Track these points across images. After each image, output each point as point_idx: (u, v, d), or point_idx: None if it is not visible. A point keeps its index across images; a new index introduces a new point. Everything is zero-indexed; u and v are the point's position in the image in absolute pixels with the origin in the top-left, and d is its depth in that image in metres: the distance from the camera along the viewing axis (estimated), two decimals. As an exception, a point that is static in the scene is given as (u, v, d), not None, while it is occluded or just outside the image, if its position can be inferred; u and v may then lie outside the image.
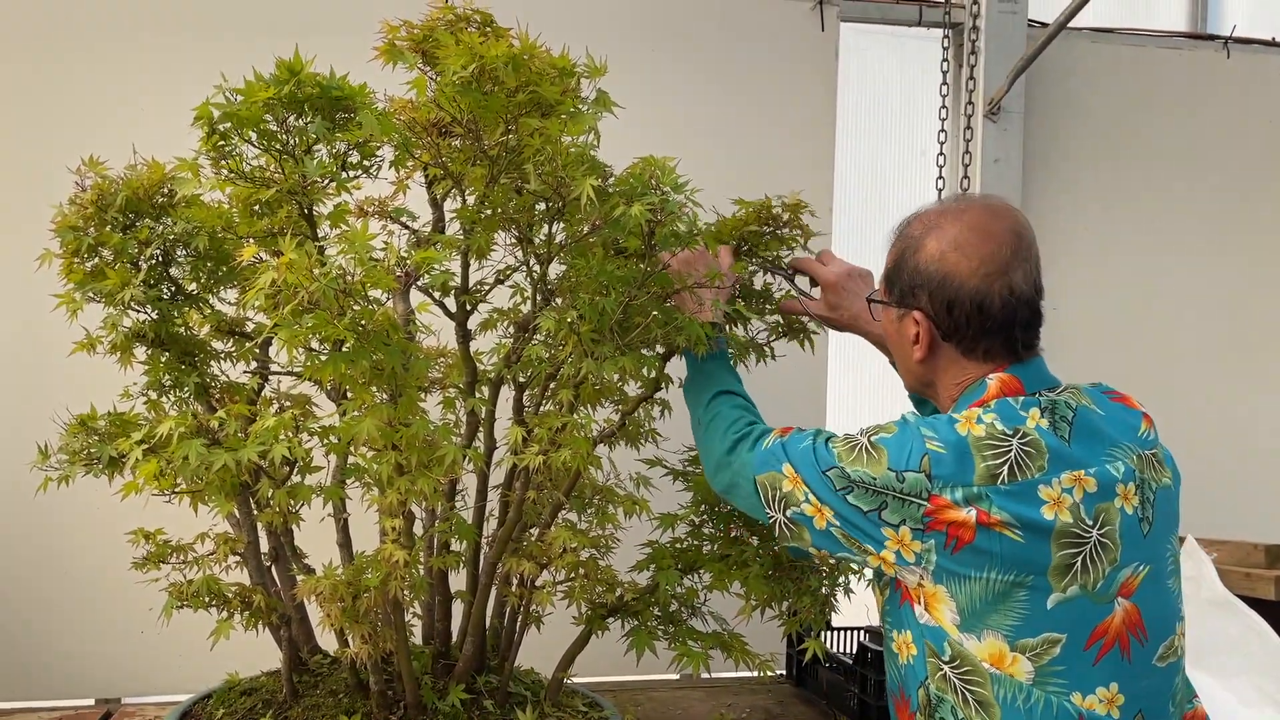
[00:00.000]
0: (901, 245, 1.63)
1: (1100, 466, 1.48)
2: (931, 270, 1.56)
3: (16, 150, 2.87)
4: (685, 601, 2.08)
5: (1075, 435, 1.49)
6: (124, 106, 2.88)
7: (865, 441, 1.52)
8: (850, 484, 1.50)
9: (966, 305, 1.54)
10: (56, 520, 2.84)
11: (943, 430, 1.48)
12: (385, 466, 1.69)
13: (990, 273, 1.53)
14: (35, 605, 2.90)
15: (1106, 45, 3.59)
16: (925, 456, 1.46)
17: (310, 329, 1.56)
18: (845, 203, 3.44)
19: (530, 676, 2.25)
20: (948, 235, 1.56)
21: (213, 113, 1.74)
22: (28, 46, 2.89)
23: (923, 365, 1.62)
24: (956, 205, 1.61)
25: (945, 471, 1.45)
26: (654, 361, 1.91)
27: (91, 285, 1.93)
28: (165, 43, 2.94)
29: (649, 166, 1.79)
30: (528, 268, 2.00)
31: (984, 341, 1.56)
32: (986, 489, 1.43)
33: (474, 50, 1.71)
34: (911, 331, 1.60)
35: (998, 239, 1.54)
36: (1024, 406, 1.50)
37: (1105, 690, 1.44)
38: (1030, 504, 1.43)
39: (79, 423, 1.96)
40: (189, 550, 2.04)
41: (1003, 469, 1.44)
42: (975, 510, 1.43)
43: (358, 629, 1.79)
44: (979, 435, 1.46)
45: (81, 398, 2.04)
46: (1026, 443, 1.45)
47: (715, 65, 3.25)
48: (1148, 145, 3.62)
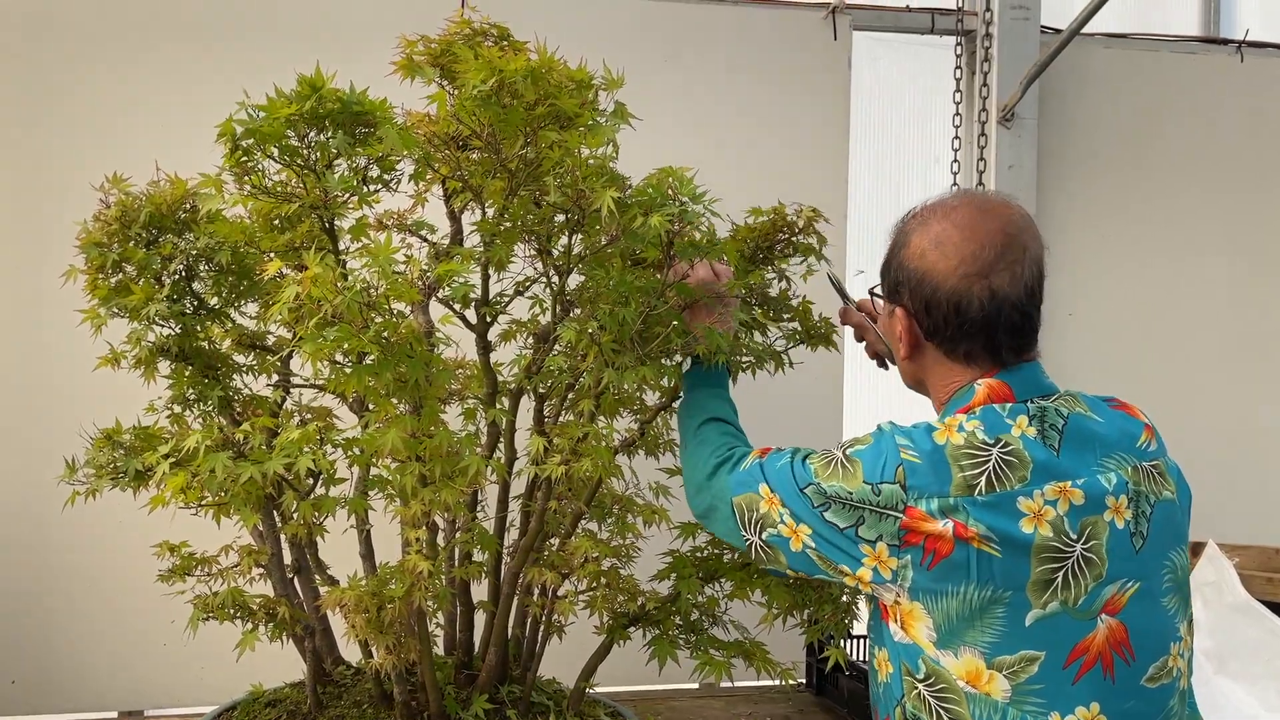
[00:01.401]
0: (893, 239, 1.58)
1: (1091, 477, 1.42)
2: (912, 267, 1.51)
3: (41, 167, 2.90)
4: (706, 610, 2.08)
5: (1065, 444, 1.43)
6: (147, 124, 2.92)
7: (840, 455, 1.48)
8: (827, 500, 1.46)
9: (943, 306, 1.47)
10: (83, 533, 2.86)
11: (919, 439, 1.43)
12: (409, 478, 1.70)
13: (969, 274, 1.45)
14: (61, 617, 2.92)
15: (1120, 51, 3.59)
16: (900, 467, 1.41)
17: (334, 342, 1.58)
18: (859, 210, 3.44)
19: (552, 686, 2.26)
20: (931, 232, 1.50)
21: (235, 129, 1.76)
22: (51, 65, 2.92)
23: (909, 363, 1.58)
24: (949, 201, 1.53)
25: (920, 482, 1.40)
26: (674, 371, 1.92)
27: (116, 301, 1.95)
28: (187, 61, 2.97)
29: (667, 177, 1.81)
30: (547, 279, 2.02)
31: (964, 344, 1.49)
32: (962, 500, 1.38)
33: (493, 64, 1.73)
34: (898, 328, 1.56)
35: (982, 239, 1.46)
36: (1011, 414, 1.44)
37: (1085, 710, 1.38)
38: (1008, 517, 1.37)
39: (105, 437, 1.98)
40: (213, 563, 2.06)
41: (980, 480, 1.38)
42: (952, 522, 1.37)
43: (382, 640, 1.80)
44: (957, 444, 1.41)
45: (106, 412, 2.06)
46: (1008, 452, 1.40)
47: (728, 74, 3.27)
48: (1162, 150, 3.62)
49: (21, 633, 2.90)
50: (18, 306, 2.88)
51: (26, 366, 2.90)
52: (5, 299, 2.89)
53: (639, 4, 3.24)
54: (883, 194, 3.58)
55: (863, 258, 3.45)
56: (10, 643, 2.90)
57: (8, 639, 2.90)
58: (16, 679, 2.91)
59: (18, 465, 2.86)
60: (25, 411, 2.89)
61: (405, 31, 2.03)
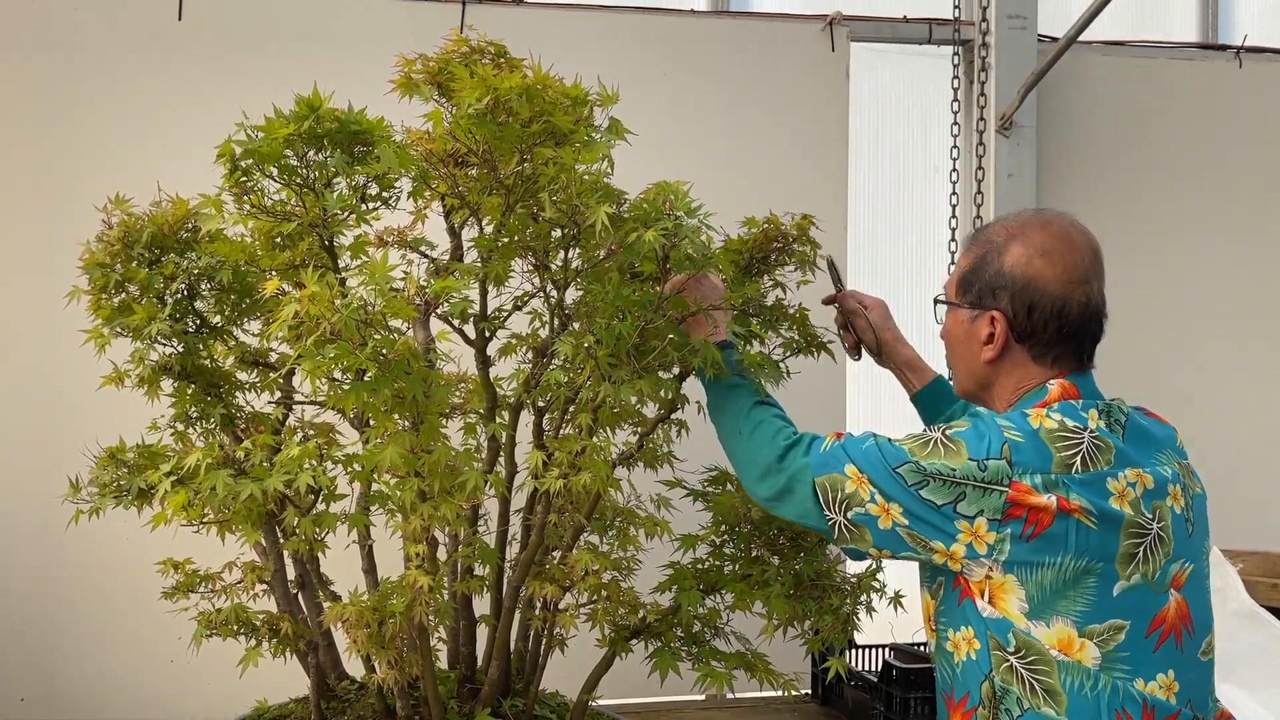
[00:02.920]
0: (982, 249, 1.69)
1: (1154, 467, 1.56)
2: (1017, 274, 1.62)
3: (44, 189, 2.93)
4: (708, 622, 2.09)
5: (1129, 438, 1.57)
6: (148, 144, 2.94)
7: (939, 436, 1.57)
8: (925, 477, 1.53)
9: (1047, 309, 1.61)
10: (90, 550, 2.88)
11: (1018, 421, 1.55)
12: (408, 493, 1.71)
13: (1073, 280, 1.61)
14: (68, 633, 2.94)
15: (1117, 58, 3.60)
16: (1005, 444, 1.51)
17: (333, 359, 1.59)
18: (858, 220, 3.45)
19: (555, 699, 2.26)
20: (1034, 242, 1.63)
21: (235, 150, 1.78)
22: (53, 86, 2.95)
23: (990, 366, 1.67)
24: (1041, 217, 1.68)
25: (1025, 458, 1.50)
26: (671, 384, 1.93)
27: (119, 320, 1.97)
28: (187, 81, 3.00)
29: (663, 192, 1.82)
30: (545, 294, 2.03)
31: (1057, 347, 1.63)
32: (1063, 477, 1.49)
33: (488, 83, 1.74)
34: (985, 331, 1.66)
35: (1081, 250, 1.63)
36: (1084, 408, 1.57)
37: (1164, 677, 1.50)
38: (1100, 494, 1.49)
39: (108, 455, 1.99)
40: (217, 579, 2.07)
41: (1075, 459, 1.51)
42: (1055, 496, 1.48)
43: (384, 654, 1.81)
44: (1051, 428, 1.53)
45: (111, 431, 2.08)
46: (1095, 437, 1.53)
47: (727, 87, 3.29)
48: (1161, 156, 3.62)
49: (30, 649, 2.92)
50: (22, 326, 2.91)
51: (32, 386, 2.92)
52: (11, 319, 2.91)
53: (638, 17, 3.27)
54: (882, 204, 3.59)
55: (863, 266, 3.46)
56: (19, 659, 2.91)
57: (17, 655, 2.91)
58: (25, 696, 2.93)
59: (26, 483, 2.88)
60: (32, 430, 2.91)
61: (404, 50, 2.06)
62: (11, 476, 2.90)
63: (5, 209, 2.92)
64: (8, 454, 2.91)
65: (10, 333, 2.91)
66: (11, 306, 2.91)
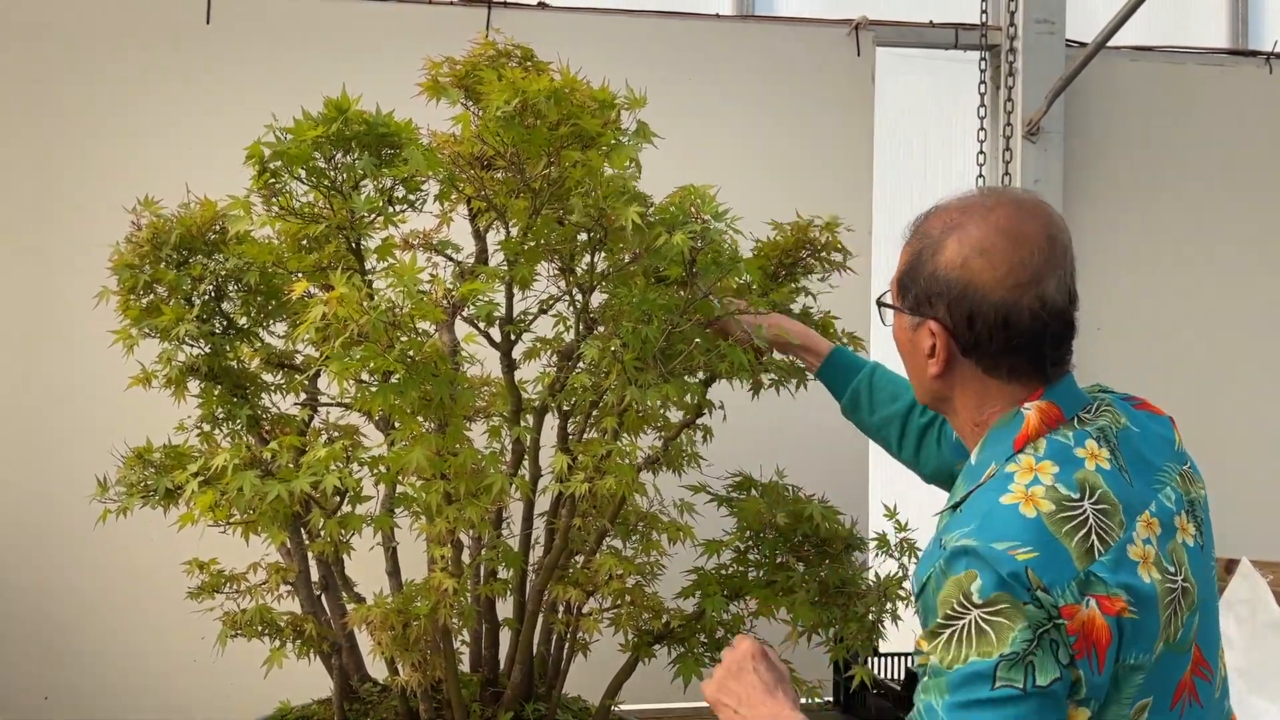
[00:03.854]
0: (918, 244, 1.43)
1: (1156, 500, 1.33)
2: (952, 278, 1.36)
3: (73, 190, 2.95)
4: (731, 628, 2.08)
5: (1129, 468, 1.33)
6: (177, 147, 2.95)
7: (968, 623, 1.22)
8: (1025, 660, 1.20)
9: (990, 319, 1.34)
10: (115, 550, 2.89)
11: (1009, 527, 1.24)
12: (434, 495, 1.71)
13: (1020, 283, 1.33)
14: (92, 632, 2.95)
15: (1147, 64, 3.57)
16: (1027, 569, 1.20)
17: (360, 361, 1.60)
18: (883, 226, 3.43)
19: (577, 704, 2.26)
20: (971, 238, 1.36)
21: (263, 151, 1.79)
22: (81, 88, 2.97)
23: (939, 381, 1.43)
24: (982, 201, 1.40)
25: (1050, 575, 1.21)
26: (696, 388, 1.93)
27: (147, 321, 1.99)
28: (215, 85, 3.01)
29: (689, 195, 1.82)
30: (570, 297, 2.03)
31: (1008, 359, 1.37)
32: (1089, 570, 1.22)
33: (516, 85, 1.75)
34: (927, 344, 1.41)
35: (1029, 243, 1.34)
36: (1077, 441, 1.32)
37: None
38: (1129, 571, 1.24)
39: (135, 455, 2.01)
40: (242, 580, 2.08)
41: (1091, 540, 1.24)
42: (1093, 599, 1.21)
43: (408, 657, 1.81)
44: (1049, 512, 1.25)
45: (138, 432, 2.09)
46: (1097, 501, 1.27)
47: (751, 91, 3.28)
48: (1190, 163, 3.58)
49: (54, 648, 2.93)
50: (51, 327, 2.93)
51: (58, 386, 2.94)
52: (39, 319, 2.93)
53: (662, 21, 3.26)
54: (907, 210, 3.56)
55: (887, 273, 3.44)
56: (43, 657, 2.93)
57: (41, 654, 2.93)
58: (49, 694, 2.95)
59: (51, 483, 2.90)
60: (59, 430, 2.93)
61: (429, 53, 2.06)
62: (37, 477, 2.92)
63: (34, 210, 2.94)
64: (32, 454, 2.93)
65: (38, 333, 2.93)
66: (40, 307, 2.93)
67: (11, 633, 2.92)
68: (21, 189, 2.95)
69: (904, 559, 2.05)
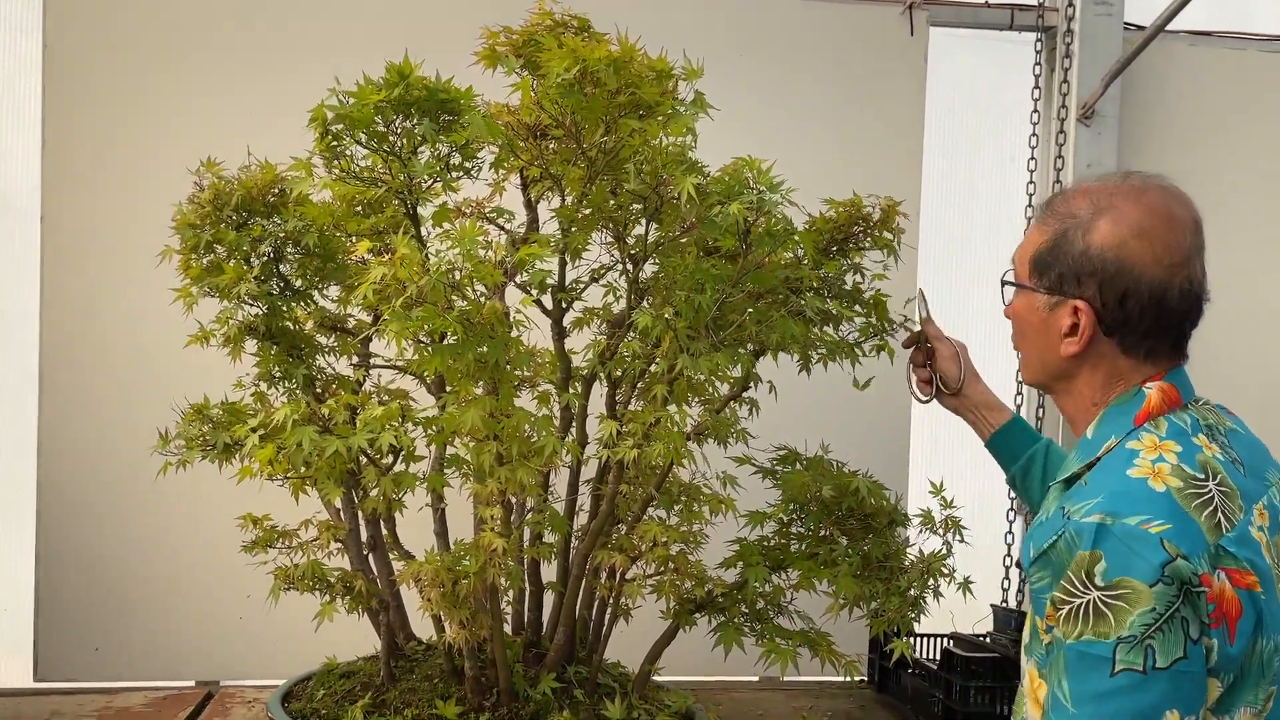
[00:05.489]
0: (1060, 225, 1.43)
1: (1267, 496, 1.34)
2: (1109, 257, 1.38)
3: (136, 152, 3.00)
4: (772, 599, 2.09)
5: (1243, 461, 1.35)
6: (239, 113, 3.00)
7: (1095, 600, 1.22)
8: (1144, 642, 1.19)
9: (1144, 298, 1.37)
10: (166, 509, 2.96)
11: (1141, 501, 1.25)
12: (486, 456, 1.74)
13: (1174, 264, 1.37)
14: (142, 589, 3.02)
15: (1206, 48, 3.51)
16: (1163, 541, 1.21)
17: (418, 321, 1.62)
18: (933, 207, 3.41)
19: (617, 670, 2.29)
20: (1128, 219, 1.38)
21: (326, 114, 1.82)
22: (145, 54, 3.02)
23: (1072, 361, 1.43)
24: (1130, 185, 1.42)
25: (1187, 544, 1.21)
26: (746, 359, 1.94)
27: (207, 280, 2.03)
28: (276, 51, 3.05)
29: (744, 167, 1.82)
30: (623, 266, 2.05)
31: (1151, 339, 1.39)
32: (1220, 543, 1.23)
33: (576, 53, 1.76)
34: (1066, 323, 1.41)
35: (1182, 226, 1.39)
36: (1194, 429, 1.35)
37: None
38: (1254, 549, 1.26)
39: (195, 411, 2.05)
40: (294, 536, 2.12)
41: (1218, 517, 1.25)
42: (1224, 572, 1.22)
43: (455, 614, 1.84)
44: (1178, 487, 1.26)
45: (194, 390, 2.13)
46: (1220, 483, 1.28)
47: (805, 69, 3.27)
48: (1246, 151, 3.52)
49: (105, 603, 3.01)
50: (113, 285, 2.98)
51: (117, 344, 3.00)
52: (101, 279, 2.99)
53: (719, 1, 3.26)
54: (957, 191, 3.54)
55: (935, 253, 3.42)
56: (95, 612, 3.01)
57: (93, 608, 3.01)
58: (100, 646, 3.02)
59: (109, 439, 2.96)
60: (116, 387, 2.99)
61: (487, 23, 2.08)
62: (95, 432, 2.98)
63: (98, 170, 3.00)
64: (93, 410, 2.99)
65: (101, 291, 2.99)
66: (104, 266, 2.99)
67: (66, 585, 2.99)
68: (88, 149, 3.00)
69: (949, 536, 2.05)
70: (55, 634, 3.01)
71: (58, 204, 3.00)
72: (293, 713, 2.08)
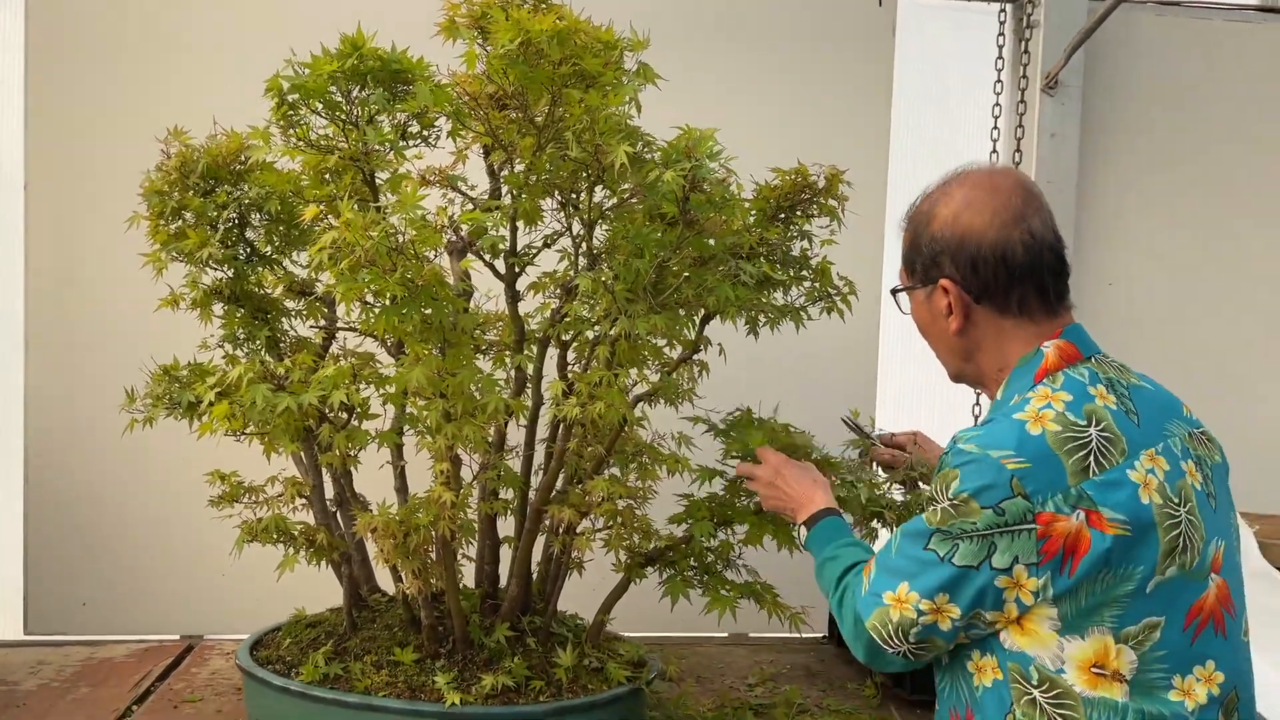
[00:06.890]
0: (913, 226, 1.64)
1: (1164, 443, 1.47)
2: (949, 234, 1.56)
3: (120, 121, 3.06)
4: (720, 554, 2.18)
5: (1139, 413, 1.48)
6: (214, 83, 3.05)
7: (945, 503, 1.45)
8: (954, 540, 1.43)
9: (990, 259, 1.53)
10: (152, 469, 3.05)
11: (1014, 441, 1.42)
12: (433, 413, 1.82)
13: (1006, 221, 1.53)
14: (130, 546, 3.12)
15: (1171, 18, 3.54)
16: (1013, 479, 1.40)
17: (365, 284, 1.70)
18: (900, 178, 3.46)
19: (573, 621, 2.38)
20: (955, 198, 1.57)
21: (282, 84, 1.89)
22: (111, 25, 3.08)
23: (962, 337, 1.59)
24: (958, 174, 1.62)
25: (1038, 485, 1.40)
26: (687, 322, 2.01)
27: (174, 245, 2.11)
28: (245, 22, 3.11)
29: (687, 136, 1.89)
30: (570, 232, 2.12)
31: (1015, 291, 1.54)
32: (1083, 485, 1.39)
33: (521, 24, 1.82)
34: (943, 303, 1.59)
35: (1005, 191, 1.55)
36: (1091, 380, 1.48)
37: (1202, 669, 1.42)
38: (1127, 492, 1.40)
39: (162, 371, 2.14)
40: (259, 491, 2.21)
41: (1089, 460, 1.41)
42: (1082, 512, 1.39)
43: (408, 565, 1.93)
44: (1055, 431, 1.42)
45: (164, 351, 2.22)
46: (1103, 429, 1.43)
47: (771, 41, 3.31)
48: (1211, 121, 3.56)
49: (94, 558, 3.11)
50: (96, 252, 3.06)
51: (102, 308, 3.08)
52: (84, 245, 3.07)
53: (684, -30, 3.30)
54: (925, 162, 3.59)
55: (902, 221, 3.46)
56: (83, 567, 3.11)
57: (82, 563, 3.11)
58: (88, 601, 3.13)
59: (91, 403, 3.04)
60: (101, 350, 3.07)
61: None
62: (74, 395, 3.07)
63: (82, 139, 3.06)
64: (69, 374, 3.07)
65: (84, 257, 3.06)
66: (76, 232, 3.07)
67: (55, 542, 3.09)
68: (72, 118, 3.07)
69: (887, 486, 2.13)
70: (45, 589, 3.11)
71: (42, 173, 3.07)
72: (260, 660, 2.18)
